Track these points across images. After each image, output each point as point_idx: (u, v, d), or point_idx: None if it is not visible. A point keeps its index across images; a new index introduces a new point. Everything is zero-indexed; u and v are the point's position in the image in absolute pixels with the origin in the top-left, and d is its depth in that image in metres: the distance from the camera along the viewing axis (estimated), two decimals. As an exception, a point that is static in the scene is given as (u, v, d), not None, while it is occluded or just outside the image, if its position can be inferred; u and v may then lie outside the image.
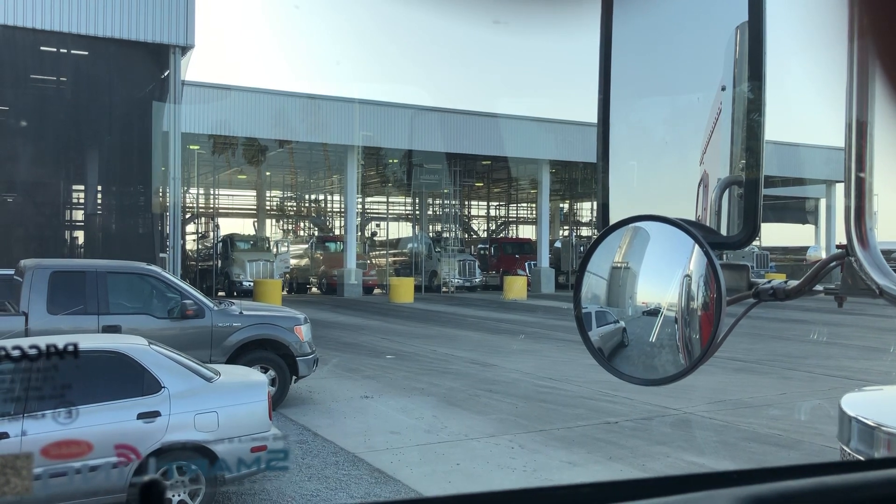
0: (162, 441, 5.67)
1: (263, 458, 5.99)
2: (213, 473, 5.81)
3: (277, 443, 6.11)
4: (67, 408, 5.29)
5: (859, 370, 12.33)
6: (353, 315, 22.54)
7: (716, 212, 1.38)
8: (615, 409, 9.59)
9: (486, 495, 0.78)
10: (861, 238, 1.18)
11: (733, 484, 0.84)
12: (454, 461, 7.48)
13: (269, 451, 5.96)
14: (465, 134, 30.89)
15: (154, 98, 19.29)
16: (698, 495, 0.82)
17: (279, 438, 6.23)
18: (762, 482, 0.86)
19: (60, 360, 5.69)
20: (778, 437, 8.36)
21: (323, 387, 10.91)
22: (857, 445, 1.65)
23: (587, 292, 1.31)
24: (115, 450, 5.18)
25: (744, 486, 0.84)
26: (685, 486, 0.83)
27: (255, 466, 6.12)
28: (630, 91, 1.48)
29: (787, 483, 0.86)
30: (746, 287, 1.28)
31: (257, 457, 6.04)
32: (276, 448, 6.06)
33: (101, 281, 9.39)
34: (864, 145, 1.19)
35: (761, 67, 1.29)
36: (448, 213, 37.19)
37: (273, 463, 5.99)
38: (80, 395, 5.58)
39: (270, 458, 5.96)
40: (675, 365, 1.23)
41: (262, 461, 6.01)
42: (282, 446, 6.18)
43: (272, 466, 6.11)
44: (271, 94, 27.34)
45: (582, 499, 0.79)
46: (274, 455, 6.04)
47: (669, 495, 0.81)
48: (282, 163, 37.30)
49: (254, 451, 6.00)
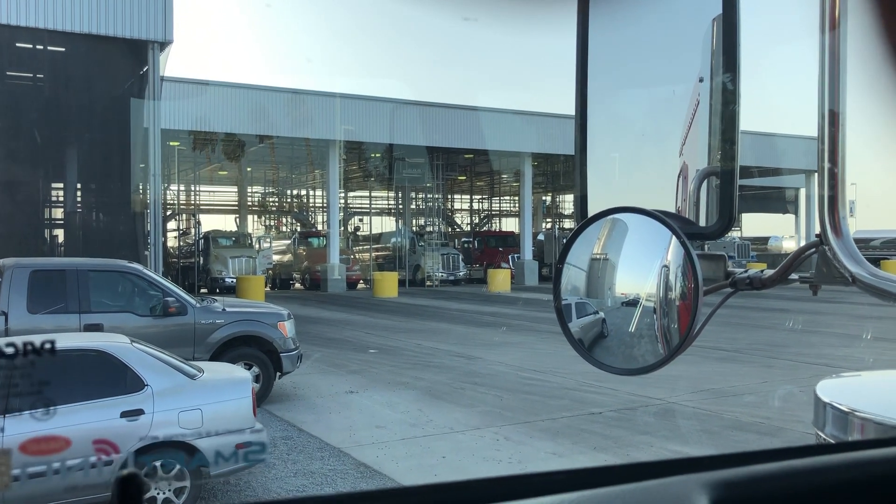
0: (146, 439, 5.64)
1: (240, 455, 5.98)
2: (197, 470, 5.78)
3: (256, 435, 6.09)
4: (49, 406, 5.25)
5: (840, 357, 12.47)
6: (337, 310, 22.50)
7: (694, 203, 1.39)
8: (599, 399, 9.64)
9: (463, 483, 0.79)
10: (835, 227, 1.20)
11: (704, 469, 0.86)
12: (440, 454, 7.50)
13: (246, 443, 5.95)
14: (447, 127, 30.88)
15: (133, 94, 19.13)
16: (669, 480, 0.83)
17: (261, 431, 6.22)
18: (732, 467, 0.87)
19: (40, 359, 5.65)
20: (760, 424, 8.45)
21: (308, 382, 10.89)
22: (831, 431, 1.68)
23: (567, 284, 1.32)
24: (94, 445, 5.14)
25: (714, 470, 0.85)
26: (656, 472, 0.84)
27: (240, 463, 6.11)
28: (608, 83, 1.49)
29: (756, 467, 0.88)
30: (724, 277, 1.30)
31: (242, 453, 6.03)
32: (254, 440, 6.05)
33: (82, 279, 9.31)
34: (837, 134, 1.20)
35: (736, 59, 1.30)
36: (431, 206, 37.19)
37: (251, 456, 5.97)
38: (63, 394, 5.54)
39: (248, 452, 5.95)
40: (654, 354, 1.25)
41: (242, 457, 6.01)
42: (260, 439, 6.16)
43: (250, 460, 6.09)
44: (251, 89, 27.19)
45: (556, 486, 0.80)
46: (251, 448, 6.02)
47: (641, 481, 0.82)
48: (263, 158, 37.14)
49: (238, 448, 5.98)
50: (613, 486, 0.81)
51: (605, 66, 1.46)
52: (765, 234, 48.77)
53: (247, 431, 6.05)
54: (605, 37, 1.45)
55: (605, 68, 1.46)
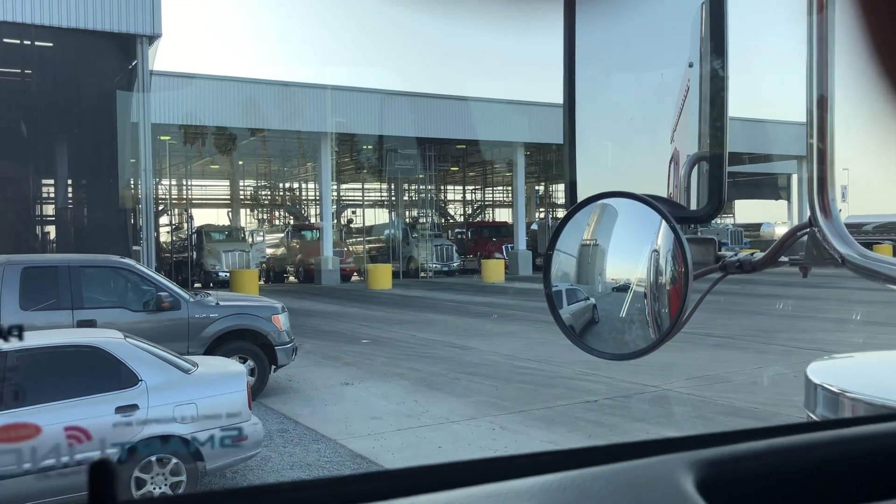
0: (141, 434, 5.64)
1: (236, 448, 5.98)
2: (193, 464, 5.78)
3: (252, 429, 6.09)
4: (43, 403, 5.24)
5: (832, 342, 12.52)
6: (332, 303, 22.49)
7: (685, 188, 1.39)
8: (594, 387, 9.67)
9: (450, 466, 0.79)
10: (824, 208, 1.20)
11: (689, 448, 0.86)
12: (436, 444, 7.51)
13: (221, 428, 5.95)
14: (438, 118, 30.81)
15: (122, 89, 19.01)
16: (655, 460, 0.84)
17: (256, 425, 6.22)
18: (717, 446, 0.88)
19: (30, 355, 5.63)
20: (754, 410, 8.49)
21: (303, 375, 10.89)
22: (822, 412, 1.68)
23: (557, 270, 1.32)
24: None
25: (699, 449, 0.86)
26: (642, 452, 0.85)
27: (236, 456, 6.11)
28: (597, 69, 1.48)
29: (741, 445, 0.88)
30: (714, 260, 1.30)
31: (238, 447, 6.03)
32: (250, 433, 6.05)
33: (75, 275, 9.28)
34: (826, 117, 1.20)
35: (724, 44, 1.30)
36: (424, 198, 37.13)
37: (225, 440, 5.96)
38: (57, 391, 5.53)
39: (223, 436, 5.93)
40: (645, 339, 1.25)
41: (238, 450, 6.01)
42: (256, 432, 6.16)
43: (246, 453, 6.08)
44: (241, 82, 27.06)
45: (542, 466, 0.80)
46: (247, 442, 6.02)
47: (626, 461, 0.83)
48: (254, 151, 37.02)
49: (234, 442, 5.99)
50: (599, 466, 0.81)
51: (594, 52, 1.46)
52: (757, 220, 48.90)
53: (242, 425, 6.05)
54: (594, 23, 1.45)
55: (593, 55, 1.45)
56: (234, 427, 5.97)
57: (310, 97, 28.10)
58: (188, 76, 25.76)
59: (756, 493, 0.85)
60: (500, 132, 31.75)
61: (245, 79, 27.28)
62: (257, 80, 27.46)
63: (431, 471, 0.77)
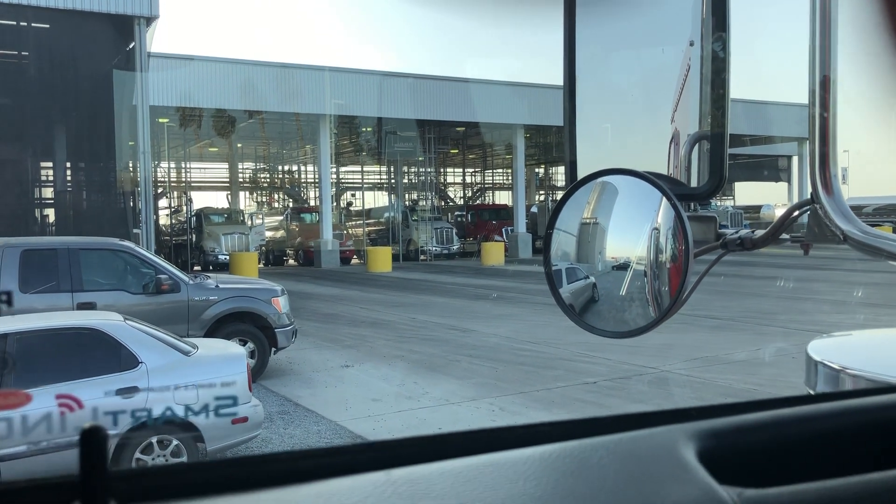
0: (141, 416, 5.66)
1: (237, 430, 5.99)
2: (194, 446, 5.81)
3: (252, 410, 6.10)
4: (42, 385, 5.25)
5: (832, 324, 12.54)
6: (331, 286, 22.51)
7: (686, 167, 1.38)
8: (594, 369, 9.70)
9: (447, 436, 0.79)
10: (826, 184, 1.19)
11: (691, 419, 0.86)
12: (436, 426, 7.54)
13: (242, 419, 5.96)
14: (438, 100, 30.70)
15: (120, 69, 18.93)
16: (656, 430, 0.84)
17: (257, 407, 6.23)
18: (717, 417, 0.88)
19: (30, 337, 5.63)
20: (754, 391, 8.51)
21: (303, 357, 10.92)
22: (823, 389, 1.69)
23: (557, 249, 1.32)
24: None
25: (701, 420, 0.86)
26: (643, 423, 0.85)
27: (236, 438, 6.13)
28: (597, 48, 1.47)
29: (743, 416, 0.89)
30: (714, 238, 1.29)
31: (238, 428, 6.05)
32: (250, 415, 6.06)
33: (74, 258, 9.28)
34: (828, 95, 1.19)
35: (726, 22, 1.29)
36: (423, 180, 37.07)
37: (221, 411, 5.97)
38: (57, 373, 5.54)
39: (218, 405, 5.94)
40: (645, 317, 1.24)
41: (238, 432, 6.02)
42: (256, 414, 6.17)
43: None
44: (240, 64, 26.94)
45: (540, 436, 0.80)
46: (247, 424, 6.03)
47: (626, 431, 0.83)
48: (253, 134, 36.91)
49: (234, 423, 6.00)
50: (599, 436, 0.81)
51: (594, 32, 1.44)
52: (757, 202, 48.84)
53: (243, 407, 6.07)
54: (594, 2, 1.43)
55: (594, 34, 1.44)
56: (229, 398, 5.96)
57: (308, 79, 27.97)
58: (186, 58, 25.62)
59: (757, 464, 0.86)
60: (500, 114, 31.64)
61: (243, 60, 27.16)
62: (255, 61, 27.35)
63: (432, 440, 0.78)
